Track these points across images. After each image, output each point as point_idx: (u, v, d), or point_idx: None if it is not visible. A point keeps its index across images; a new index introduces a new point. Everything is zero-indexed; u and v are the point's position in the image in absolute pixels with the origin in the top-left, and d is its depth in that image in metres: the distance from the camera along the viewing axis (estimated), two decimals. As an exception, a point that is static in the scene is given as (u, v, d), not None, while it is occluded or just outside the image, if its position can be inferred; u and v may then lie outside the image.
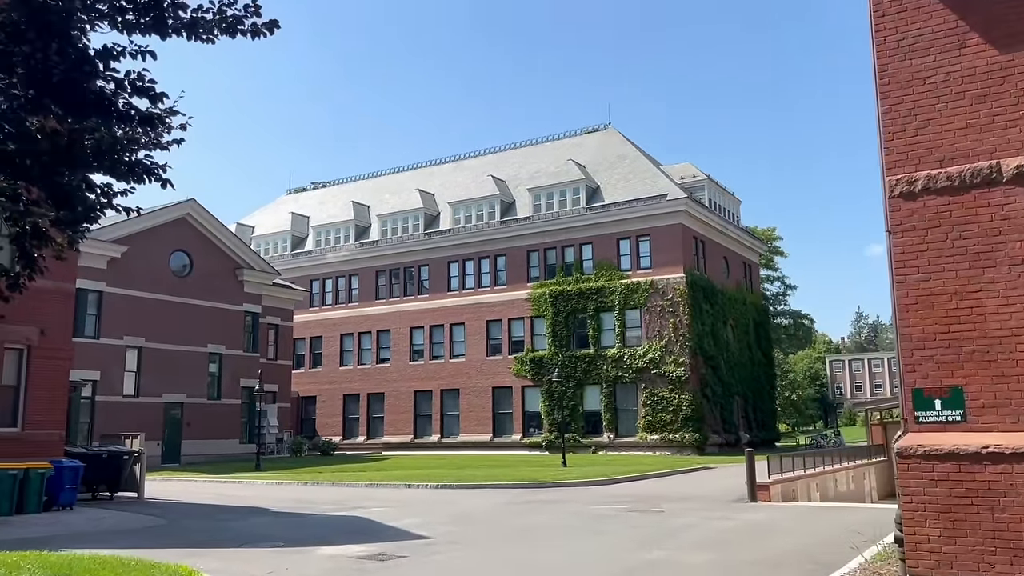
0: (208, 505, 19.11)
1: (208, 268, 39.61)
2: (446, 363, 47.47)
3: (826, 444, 48.55)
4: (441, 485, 22.67)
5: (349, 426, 50.39)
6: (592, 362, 42.67)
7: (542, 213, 46.02)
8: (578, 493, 21.39)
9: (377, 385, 49.47)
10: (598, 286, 43.09)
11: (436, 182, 53.66)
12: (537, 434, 43.76)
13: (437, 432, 47.06)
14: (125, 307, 35.76)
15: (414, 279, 50.00)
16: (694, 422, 39.91)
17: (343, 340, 51.56)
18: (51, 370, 17.51)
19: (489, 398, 45.58)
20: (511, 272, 46.33)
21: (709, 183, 46.90)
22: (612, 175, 46.04)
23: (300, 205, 59.84)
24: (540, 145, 53.29)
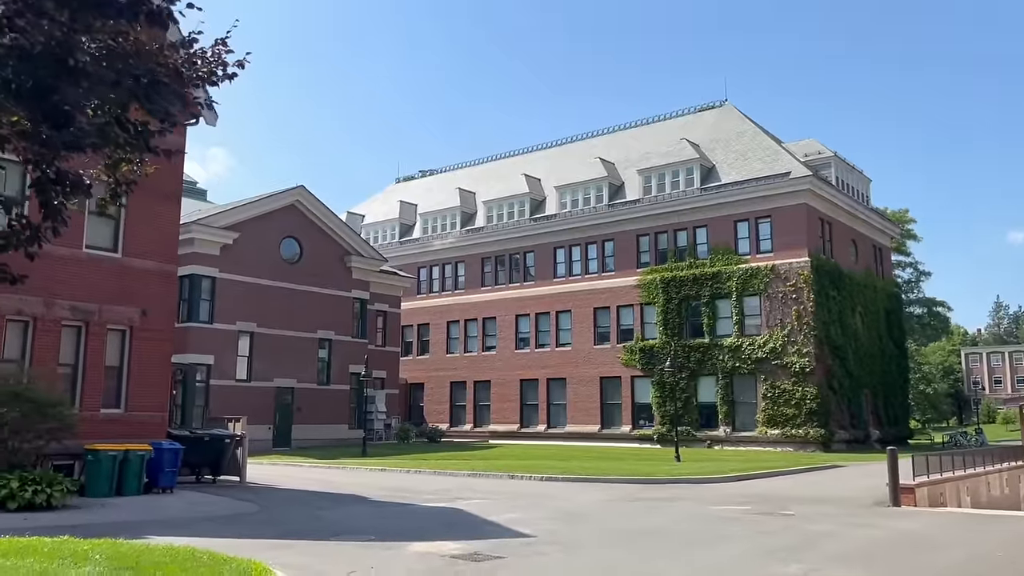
0: (307, 492, 18.59)
1: (317, 254, 39.82)
2: (552, 351, 46.26)
3: (967, 443, 44.51)
4: (546, 477, 21.46)
5: (456, 414, 50.01)
6: (707, 352, 40.47)
7: (653, 195, 44.02)
8: (694, 491, 19.72)
9: (483, 373, 48.84)
10: (713, 271, 40.79)
11: (542, 167, 52.45)
12: (648, 426, 41.97)
13: (544, 422, 45.96)
14: (237, 293, 36.30)
15: (520, 265, 49.00)
16: (819, 416, 37.17)
17: (449, 327, 51.19)
18: (153, 351, 17.34)
19: (597, 388, 44.09)
20: (620, 257, 44.59)
21: (836, 160, 43.65)
22: (729, 153, 43.51)
23: (408, 193, 59.97)
24: (651, 125, 51.20)
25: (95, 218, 16.91)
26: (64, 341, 16.20)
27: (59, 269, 16.09)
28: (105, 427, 16.36)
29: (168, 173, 18.11)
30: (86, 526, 11.56)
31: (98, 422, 16.35)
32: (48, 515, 12.51)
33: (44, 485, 12.82)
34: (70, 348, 16.28)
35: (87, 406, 16.33)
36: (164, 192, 17.97)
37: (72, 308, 16.30)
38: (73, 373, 16.35)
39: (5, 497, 12.55)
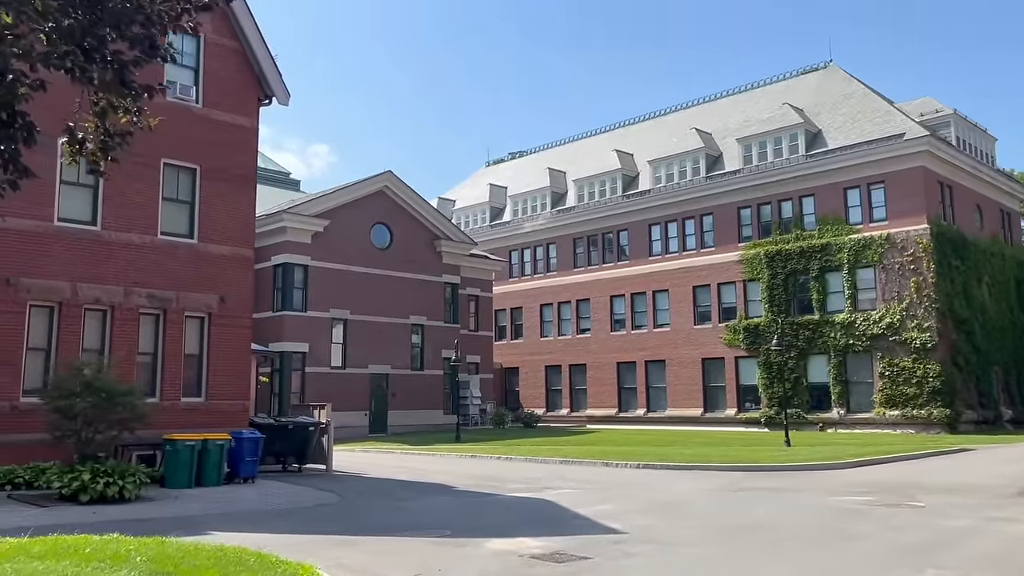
0: (392, 481, 17.95)
1: (407, 240, 39.51)
2: (650, 333, 44.57)
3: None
4: (643, 465, 20.14)
5: (552, 398, 49.03)
6: (817, 329, 37.96)
7: (754, 165, 41.58)
8: (807, 479, 18.01)
9: (578, 356, 47.63)
10: (822, 243, 38.16)
11: (634, 142, 50.59)
12: (754, 409, 39.82)
13: (643, 406, 44.40)
14: (329, 280, 36.35)
15: (613, 245, 47.42)
16: (944, 396, 34.23)
17: (542, 310, 50.17)
18: (232, 338, 17.01)
19: (698, 370, 42.18)
20: (719, 232, 42.40)
21: (955, 118, 40.06)
22: (836, 117, 40.59)
23: (498, 176, 59.18)
24: (749, 92, 48.50)
25: (170, 204, 16.68)
26: (143, 330, 16.03)
27: (136, 257, 15.91)
28: (186, 417, 16.13)
29: (241, 154, 17.74)
30: (150, 520, 11.13)
31: (179, 411, 16.13)
32: (118, 508, 12.18)
33: (116, 477, 12.51)
34: (149, 337, 16.11)
35: (167, 395, 16.13)
36: (237, 174, 17.60)
37: (149, 296, 16.10)
38: (153, 362, 16.18)
39: (77, 490, 12.31)
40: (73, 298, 15.06)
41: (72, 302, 15.02)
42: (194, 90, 16.97)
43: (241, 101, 17.68)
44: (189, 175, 16.81)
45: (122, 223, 15.69)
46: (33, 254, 14.56)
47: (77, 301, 15.10)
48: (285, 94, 18.15)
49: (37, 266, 14.57)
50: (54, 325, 14.77)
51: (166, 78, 16.50)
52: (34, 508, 12.03)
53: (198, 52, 17.14)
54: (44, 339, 14.70)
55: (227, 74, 17.51)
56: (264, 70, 17.83)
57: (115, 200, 15.61)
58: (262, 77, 17.94)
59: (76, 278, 15.04)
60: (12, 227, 14.40)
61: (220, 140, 17.22)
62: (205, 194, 16.94)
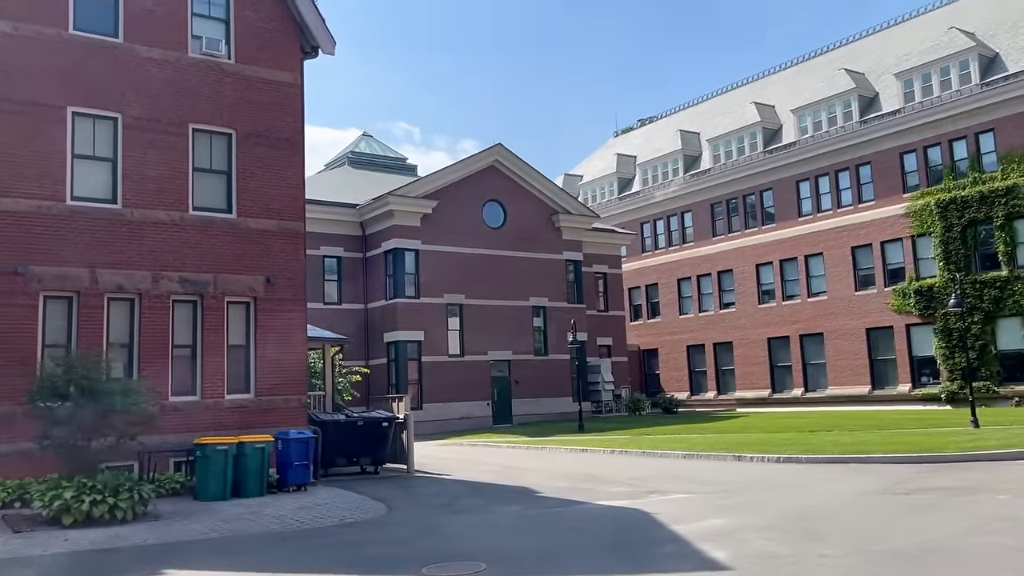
0: (471, 484, 15.26)
1: (522, 216, 36.87)
2: (803, 303, 39.57)
3: None
4: (784, 458, 16.33)
5: (696, 381, 44.93)
6: (1006, 287, 31.90)
7: (917, 101, 35.69)
8: (1004, 473, 13.72)
9: (723, 334, 43.25)
10: (1007, 185, 32.00)
11: (775, 92, 45.35)
12: (932, 384, 34.20)
13: (800, 385, 39.51)
14: (441, 264, 34.33)
15: (756, 208, 42.60)
16: None
17: (680, 285, 46.06)
18: (283, 326, 14.87)
19: (863, 342, 36.87)
20: (879, 183, 36.80)
21: None
22: (1017, 37, 34.04)
23: (627, 145, 55.34)
24: (906, 23, 42.15)
25: (202, 175, 14.71)
26: (177, 319, 14.15)
27: (164, 236, 14.06)
28: (231, 416, 14.14)
29: (284, 114, 15.57)
30: (119, 551, 8.96)
31: (223, 411, 14.17)
32: (103, 532, 10.10)
33: (107, 494, 10.48)
34: (185, 327, 14.22)
35: (208, 392, 14.18)
36: (281, 138, 15.41)
37: (182, 280, 14.19)
38: (191, 355, 14.28)
39: (59, 511, 10.38)
40: (92, 286, 13.35)
41: (91, 291, 13.32)
42: (224, 44, 14.93)
43: (280, 54, 15.49)
44: (223, 141, 14.79)
45: (146, 199, 13.84)
46: (44, 238, 12.95)
47: (97, 290, 13.38)
48: (331, 42, 15.79)
49: (49, 252, 12.95)
50: (73, 318, 13.14)
51: (191, 32, 14.56)
52: (6, 534, 10.20)
53: (227, 0, 15.09)
54: (63, 334, 13.07)
55: (263, 23, 15.33)
56: (305, 16, 15.54)
57: (137, 174, 13.78)
58: (303, 25, 15.67)
59: (95, 263, 13.32)
60: (19, 209, 12.84)
61: (257, 100, 15.11)
62: (243, 162, 14.87)
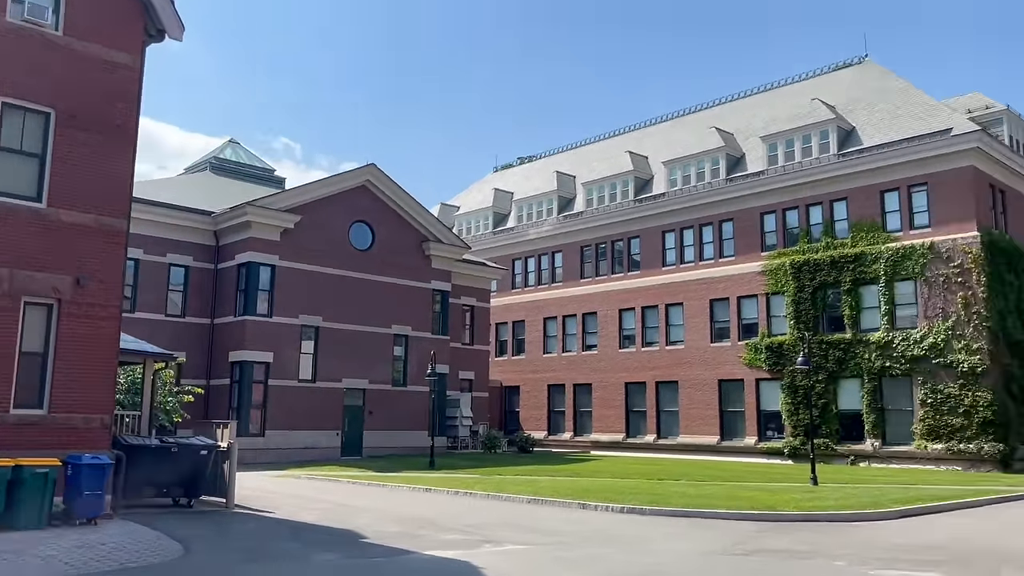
0: (293, 524, 13.88)
1: (391, 240, 35.72)
2: (661, 350, 40.24)
3: None
4: (629, 508, 15.88)
5: (554, 420, 44.76)
6: (849, 349, 33.47)
7: (779, 165, 37.32)
8: (841, 535, 13.73)
9: (583, 375, 43.37)
10: (855, 252, 33.75)
11: (651, 143, 46.53)
12: (777, 438, 35.31)
13: (652, 431, 39.98)
14: (300, 283, 32.59)
15: (623, 254, 43.24)
16: (996, 428, 29.58)
17: (546, 324, 46.02)
18: (90, 334, 13.07)
19: (715, 393, 37.75)
20: (740, 240, 38.11)
21: (1009, 115, 35.59)
22: (872, 114, 36.29)
23: (505, 181, 55.33)
24: (776, 90, 44.34)
25: (7, 155, 12.83)
26: (-40, 318, 12.14)
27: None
28: (17, 434, 12.16)
29: (116, 99, 13.92)
30: None
31: (6, 427, 12.18)
32: None
33: None
34: (-31, 327, 12.22)
35: (-11, 405, 12.20)
36: (110, 125, 13.73)
37: (-30, 274, 12.24)
38: (-27, 361, 12.27)
39: None
40: None
41: None
42: (51, 12, 13.21)
43: (119, 32, 13.88)
44: (39, 120, 12.95)
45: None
46: None
47: None
48: (178, 27, 14.32)
49: None
50: None
51: (9, -5, 12.78)
52: None
53: (59, -37, 13.41)
54: None
55: (100, -5, 13.73)
56: (151, -6, 14.04)
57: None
58: (148, 4, 14.14)
59: None
60: None
61: (87, 79, 13.41)
62: (61, 147, 13.07)
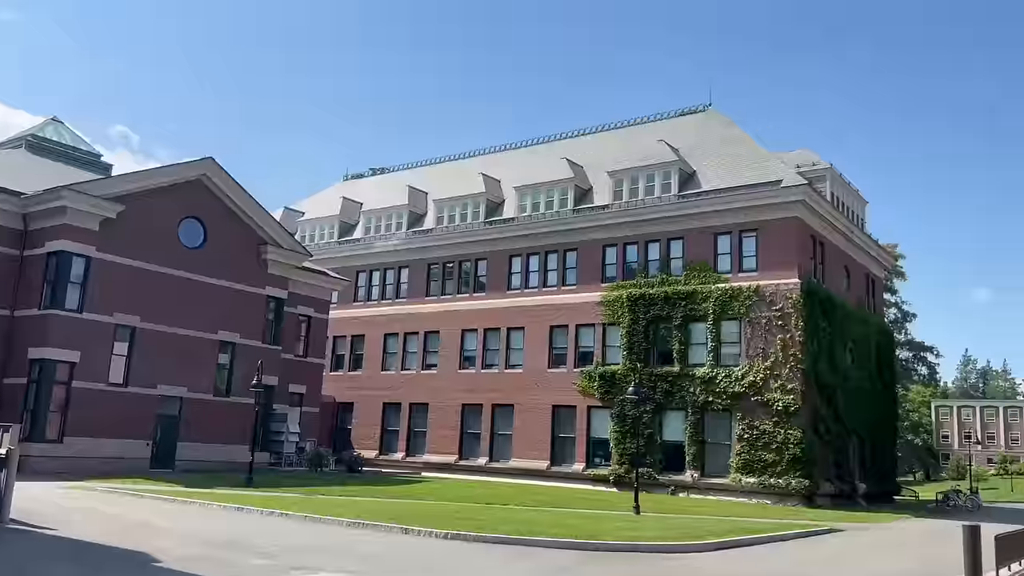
0: (75, 544, 12.36)
1: (225, 241, 33.68)
2: (500, 373, 40.24)
3: (962, 504, 39.24)
4: (452, 535, 15.36)
5: (388, 440, 43.62)
6: (676, 382, 34.74)
7: (624, 201, 38.49)
8: (662, 568, 13.81)
9: (421, 395, 42.60)
10: (688, 290, 35.20)
11: (504, 168, 46.75)
12: (604, 466, 36.01)
13: (486, 454, 39.76)
14: (118, 278, 30.00)
15: (470, 275, 43.08)
16: (803, 465, 31.49)
17: (387, 340, 44.96)
18: None
19: (548, 418, 38.07)
20: (583, 270, 38.89)
21: (832, 174, 38.53)
22: (712, 160, 38.20)
23: (355, 191, 53.91)
24: (626, 128, 45.93)
25: None
26: None
27: None
28: None
29: None
30: None
31: None
32: None
33: None
34: None
35: None
36: None
37: None
38: None
39: None
40: None
41: None
42: None
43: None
44: None
45: None
46: None
47: None
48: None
49: None
50: None
51: None
52: None
53: None
54: None
55: None
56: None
57: None
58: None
59: None
60: None
61: None
62: None
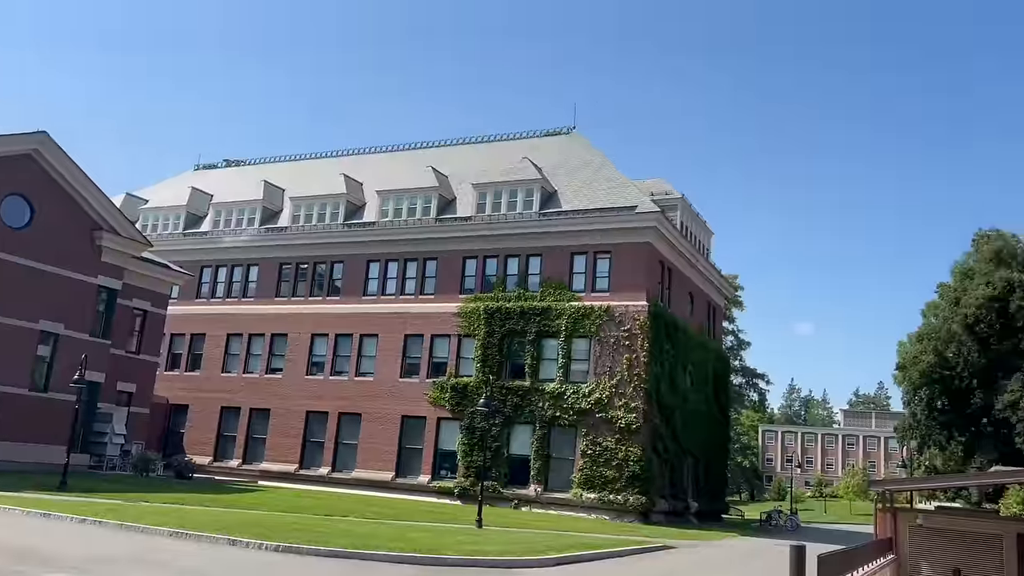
0: None
1: (55, 223, 30.98)
2: (350, 381, 39.22)
3: (782, 524, 41.91)
4: (285, 547, 14.58)
5: (224, 446, 41.46)
6: (526, 396, 35.07)
7: (487, 214, 38.63)
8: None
9: (263, 399, 40.80)
10: (543, 306, 35.72)
11: (367, 171, 45.84)
12: (449, 478, 35.76)
13: (328, 464, 38.55)
14: (-78, 255, 26.86)
15: (325, 277, 41.83)
16: (642, 482, 32.54)
17: (230, 341, 42.82)
18: None
19: (396, 428, 37.44)
20: (442, 280, 38.64)
21: (683, 204, 40.34)
22: (573, 181, 39.07)
23: (206, 182, 51.15)
24: (492, 143, 46.23)
25: None
26: None
27: None
28: None
29: None
30: None
31: None
32: None
33: None
34: None
35: None
36: None
37: None
38: None
39: None
40: None
41: None
42: None
43: None
44: None
45: None
46: None
47: None
48: None
49: None
50: None
51: None
52: None
53: None
54: None
55: None
56: None
57: None
58: None
59: None
60: None
61: None
62: None
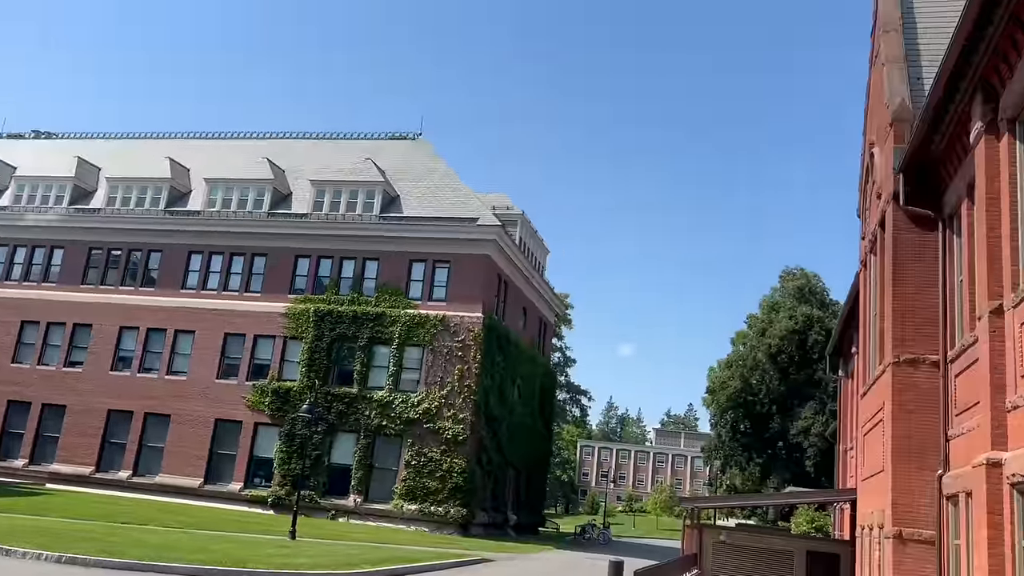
0: None
1: None
2: (160, 379, 36.47)
3: (594, 537, 43.19)
4: (69, 559, 13.06)
5: (8, 444, 37.32)
6: (352, 404, 34.05)
7: (324, 213, 37.32)
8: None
9: (59, 395, 37.12)
10: (377, 312, 34.89)
11: (195, 157, 42.82)
12: (264, 487, 34.00)
13: (129, 467, 35.60)
14: None
15: (139, 266, 38.76)
16: (464, 494, 32.42)
17: (24, 328, 38.71)
18: None
19: (209, 432, 35.19)
20: (271, 278, 36.86)
21: (523, 220, 40.89)
22: (417, 187, 38.57)
23: (10, 153, 46.07)
24: (335, 141, 44.76)
25: None
26: None
27: None
28: None
29: None
30: None
31: None
32: None
33: None
34: None
35: None
36: None
37: None
38: None
39: None
40: None
41: None
42: None
43: None
44: None
45: None
46: None
47: None
48: None
49: None
50: None
51: None
52: None
53: None
54: None
55: None
56: None
57: None
58: None
59: None
60: None
61: None
62: None
